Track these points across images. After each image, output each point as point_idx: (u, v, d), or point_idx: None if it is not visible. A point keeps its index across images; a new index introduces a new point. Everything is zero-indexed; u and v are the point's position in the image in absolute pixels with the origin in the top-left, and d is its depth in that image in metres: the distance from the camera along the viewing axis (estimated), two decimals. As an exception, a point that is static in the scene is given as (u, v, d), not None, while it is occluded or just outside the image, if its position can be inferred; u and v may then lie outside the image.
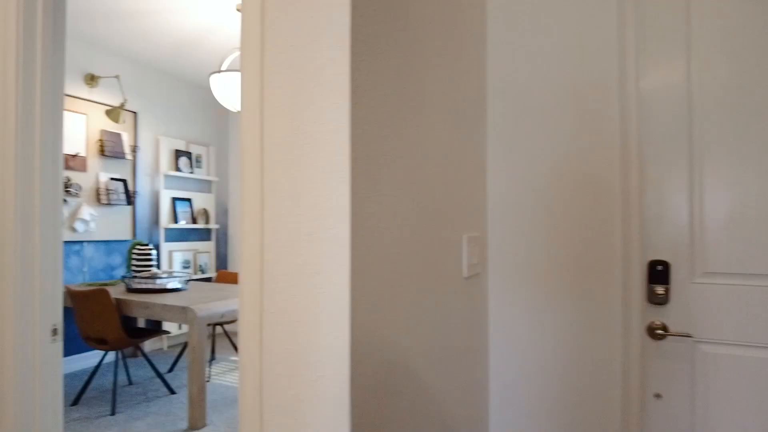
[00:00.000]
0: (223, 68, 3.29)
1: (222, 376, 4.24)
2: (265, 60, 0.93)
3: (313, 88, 0.87)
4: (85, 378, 4.16)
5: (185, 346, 4.60)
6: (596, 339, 1.51)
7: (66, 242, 4.42)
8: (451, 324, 1.32)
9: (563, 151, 1.55)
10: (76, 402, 3.56)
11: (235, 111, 3.46)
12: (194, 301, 3.26)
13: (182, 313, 3.14)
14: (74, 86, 4.53)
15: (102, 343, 3.47)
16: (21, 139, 1.46)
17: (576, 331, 1.53)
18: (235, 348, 4.61)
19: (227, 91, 3.21)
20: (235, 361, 4.67)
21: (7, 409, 1.40)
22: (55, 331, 1.47)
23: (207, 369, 4.41)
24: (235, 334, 5.84)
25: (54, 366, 1.49)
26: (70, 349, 4.44)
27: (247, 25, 0.96)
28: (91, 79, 4.67)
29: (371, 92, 0.91)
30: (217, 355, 4.87)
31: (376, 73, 0.93)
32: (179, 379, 4.16)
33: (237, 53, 3.64)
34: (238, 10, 3.44)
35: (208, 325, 3.26)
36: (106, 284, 4.28)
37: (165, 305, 3.22)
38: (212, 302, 3.25)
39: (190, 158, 5.63)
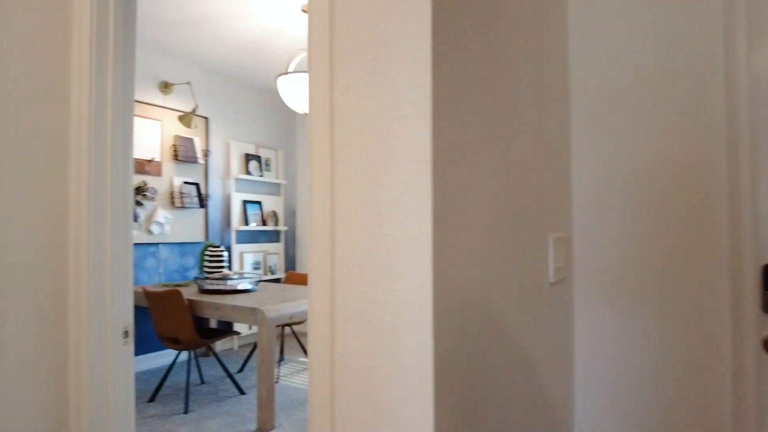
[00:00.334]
0: (289, 70, 3.29)
1: (291, 377, 4.26)
2: (335, 59, 0.87)
3: (388, 85, 0.79)
4: (161, 375, 4.31)
5: (255, 346, 4.67)
6: (699, 354, 1.33)
7: (143, 244, 4.60)
8: (535, 334, 1.20)
9: (657, 140, 1.39)
10: (152, 399, 3.67)
11: (302, 113, 3.45)
12: (263, 302, 3.28)
13: (252, 314, 3.16)
14: (149, 94, 4.71)
15: (175, 343, 3.56)
16: (94, 145, 1.47)
17: (674, 344, 1.36)
18: (304, 349, 4.63)
19: (294, 92, 3.21)
20: (303, 362, 4.69)
21: (82, 409, 1.41)
22: (126, 333, 1.47)
23: (276, 370, 4.44)
24: (304, 334, 5.89)
25: (126, 367, 1.49)
26: (147, 348, 4.61)
27: (314, 24, 0.90)
28: (165, 87, 4.84)
29: (452, 85, 0.81)
30: (286, 356, 4.92)
31: (457, 64, 0.83)
32: (249, 379, 4.21)
33: (303, 54, 3.64)
34: (303, 10, 3.44)
35: (277, 326, 3.27)
36: (179, 285, 4.41)
37: (235, 306, 3.26)
38: (281, 303, 3.25)
39: (259, 162, 5.74)
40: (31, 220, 1.41)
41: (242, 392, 3.83)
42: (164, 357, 4.73)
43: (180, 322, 3.46)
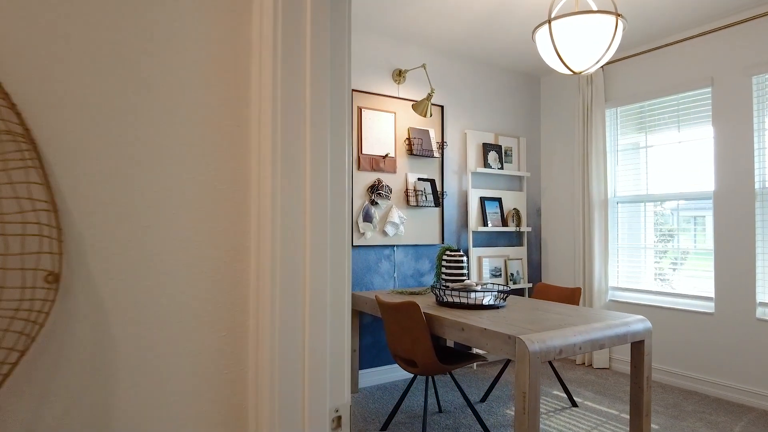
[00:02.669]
0: (552, 16, 2.43)
1: (547, 417, 3.38)
2: None
3: None
4: (395, 393, 3.83)
5: (501, 372, 3.89)
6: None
7: (378, 246, 4.22)
8: None
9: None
10: (385, 427, 3.16)
11: (568, 73, 2.56)
12: (520, 328, 2.48)
13: (507, 345, 2.38)
14: (383, 84, 4.33)
15: (411, 365, 2.99)
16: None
17: None
18: (561, 382, 3.70)
19: (563, 45, 2.34)
20: (561, 399, 3.75)
21: None
22: (337, 421, 0.81)
23: (526, 403, 3.60)
24: (559, 360, 4.94)
25: (340, 476, 0.83)
26: (381, 360, 4.22)
27: None
28: (399, 75, 4.41)
29: None
30: (535, 385, 4.04)
31: None
32: (494, 413, 3.46)
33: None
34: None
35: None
36: (414, 293, 3.88)
37: (484, 330, 2.52)
38: (546, 332, 2.40)
39: (499, 152, 4.98)
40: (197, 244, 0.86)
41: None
42: (398, 371, 4.29)
43: (417, 342, 2.87)
